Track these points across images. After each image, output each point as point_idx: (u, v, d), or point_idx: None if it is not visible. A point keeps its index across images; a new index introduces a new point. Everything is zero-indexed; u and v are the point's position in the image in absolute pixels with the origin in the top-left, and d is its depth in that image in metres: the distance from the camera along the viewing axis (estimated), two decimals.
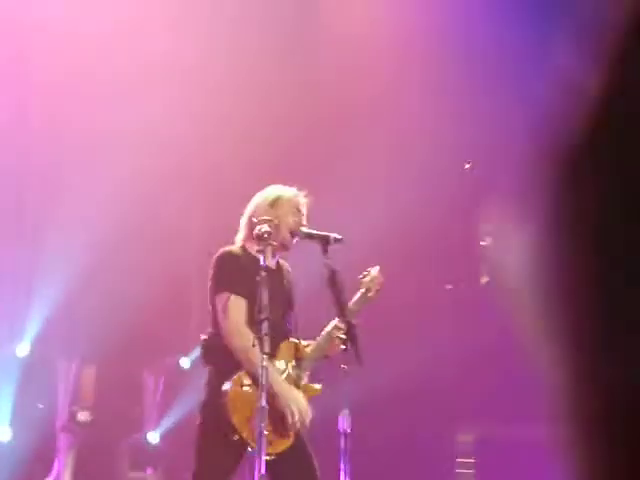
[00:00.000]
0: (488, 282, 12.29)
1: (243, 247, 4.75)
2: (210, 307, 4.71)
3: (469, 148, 10.16)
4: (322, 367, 4.83)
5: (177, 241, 9.71)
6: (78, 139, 8.77)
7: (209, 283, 4.74)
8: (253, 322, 4.36)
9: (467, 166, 10.95)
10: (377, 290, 5.05)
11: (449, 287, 11.64)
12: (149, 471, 8.25)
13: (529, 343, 1.50)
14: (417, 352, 9.43)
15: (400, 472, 9.78)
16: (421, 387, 9.83)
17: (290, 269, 4.99)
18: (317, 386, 4.77)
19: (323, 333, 4.78)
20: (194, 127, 9.05)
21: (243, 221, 4.84)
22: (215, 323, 4.67)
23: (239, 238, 4.80)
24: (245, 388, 4.51)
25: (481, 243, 12.26)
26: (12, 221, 8.85)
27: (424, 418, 10.11)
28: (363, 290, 5.00)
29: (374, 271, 5.09)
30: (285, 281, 4.89)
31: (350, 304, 4.89)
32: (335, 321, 4.71)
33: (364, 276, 5.07)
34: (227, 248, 4.76)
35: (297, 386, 4.69)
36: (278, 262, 4.91)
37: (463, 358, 10.18)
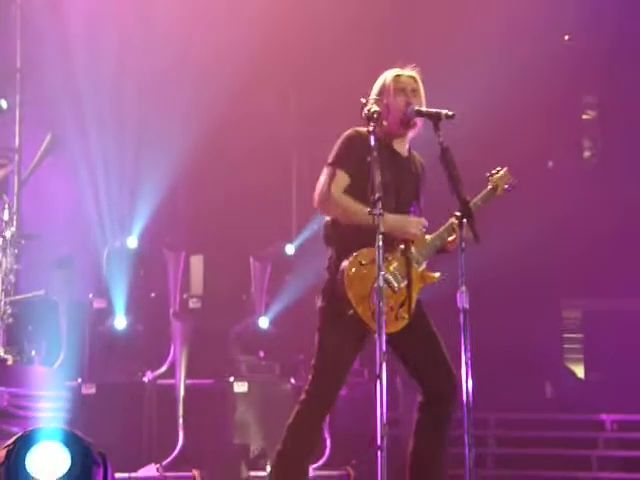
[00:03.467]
0: (590, 157, 12.06)
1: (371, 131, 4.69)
2: None
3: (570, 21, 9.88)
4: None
5: (277, 129, 9.72)
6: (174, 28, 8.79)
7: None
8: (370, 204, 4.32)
9: (567, 37, 10.63)
10: (505, 189, 4.99)
11: (550, 164, 11.46)
12: (261, 355, 8.44)
13: None
14: (523, 230, 9.38)
15: (509, 347, 9.83)
16: (526, 265, 9.80)
17: (424, 162, 4.93)
18: (435, 274, 4.77)
19: (445, 224, 4.75)
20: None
21: None
22: None
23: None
24: (363, 266, 4.51)
25: (583, 116, 12.03)
26: (114, 122, 8.97)
27: (532, 295, 10.11)
28: (491, 187, 4.94)
29: (504, 170, 5.02)
30: (414, 170, 4.84)
31: (476, 199, 4.87)
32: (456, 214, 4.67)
33: (492, 174, 4.99)
34: (355, 128, 4.72)
35: (413, 271, 4.67)
36: (410, 151, 4.85)
37: (566, 234, 10.11)
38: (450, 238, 4.76)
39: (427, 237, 4.77)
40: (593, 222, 10.20)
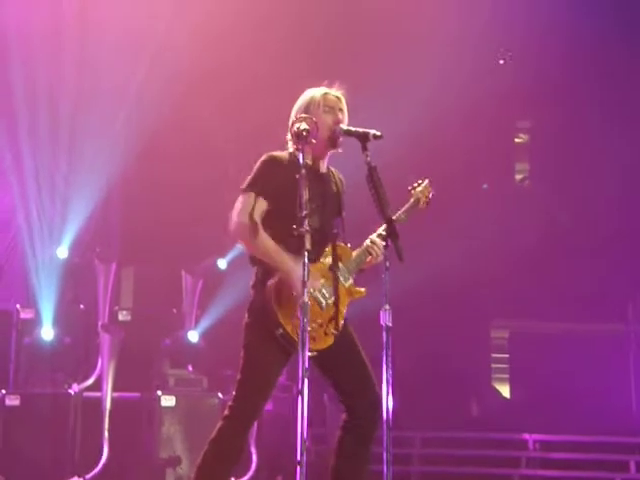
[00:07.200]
0: (523, 179, 12.27)
1: (292, 152, 4.72)
2: None
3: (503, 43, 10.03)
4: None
5: (214, 146, 9.71)
6: (111, 43, 8.75)
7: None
8: (294, 222, 4.32)
9: (501, 62, 10.81)
10: (427, 202, 5.07)
11: (485, 186, 11.63)
12: (189, 369, 8.41)
13: None
14: (454, 250, 9.50)
15: (437, 367, 9.94)
16: (457, 285, 9.92)
17: (343, 178, 4.96)
18: (361, 289, 4.81)
19: (368, 239, 4.79)
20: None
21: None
22: None
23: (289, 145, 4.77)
24: (287, 285, 4.52)
25: (516, 140, 12.24)
26: (46, 131, 8.89)
27: (460, 314, 10.23)
28: (413, 200, 5.01)
29: (425, 182, 5.10)
30: (335, 187, 4.86)
31: (399, 213, 4.93)
32: (379, 230, 4.72)
33: (414, 187, 5.07)
34: (272, 152, 4.74)
35: (340, 286, 4.70)
36: (329, 168, 4.87)
37: (498, 257, 10.25)
38: (368, 259, 4.79)
39: (353, 252, 4.80)
40: (524, 245, 10.37)
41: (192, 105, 9.27)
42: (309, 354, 4.37)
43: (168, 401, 7.81)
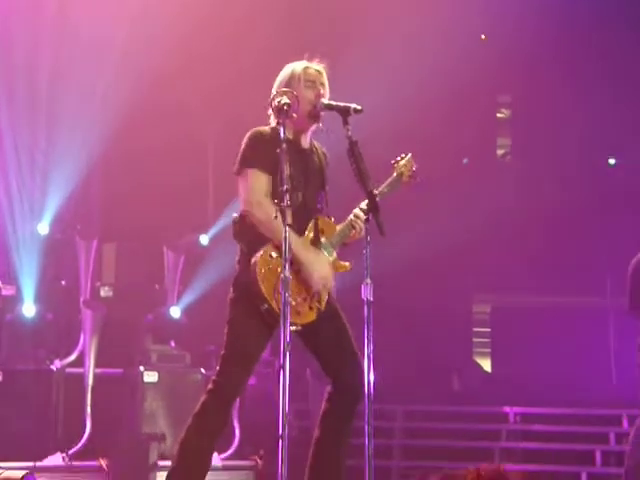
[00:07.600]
0: (505, 155, 12.30)
1: (274, 127, 4.70)
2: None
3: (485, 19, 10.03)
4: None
5: (194, 119, 9.68)
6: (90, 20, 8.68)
7: (236, 163, 4.71)
8: (276, 197, 4.33)
9: (483, 36, 10.81)
10: (410, 176, 5.04)
11: (465, 161, 11.65)
12: (172, 344, 8.41)
13: None
14: (436, 225, 9.52)
15: (419, 341, 9.99)
16: (439, 259, 9.95)
17: (326, 152, 4.96)
18: (346, 263, 4.82)
19: (352, 213, 4.79)
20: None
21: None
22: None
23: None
24: (273, 259, 4.53)
25: (497, 115, 12.26)
26: (25, 107, 8.81)
27: (442, 289, 10.27)
28: (396, 174, 4.99)
29: (408, 157, 5.06)
30: (318, 161, 4.86)
31: (382, 187, 4.90)
32: (362, 204, 4.72)
33: (397, 161, 5.04)
34: (257, 128, 4.73)
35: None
36: (312, 143, 4.88)
37: (480, 231, 10.29)
38: (352, 233, 4.80)
39: (337, 226, 4.81)
40: (506, 219, 10.41)
41: (172, 82, 9.23)
42: (294, 328, 4.40)
43: (151, 377, 7.81)
